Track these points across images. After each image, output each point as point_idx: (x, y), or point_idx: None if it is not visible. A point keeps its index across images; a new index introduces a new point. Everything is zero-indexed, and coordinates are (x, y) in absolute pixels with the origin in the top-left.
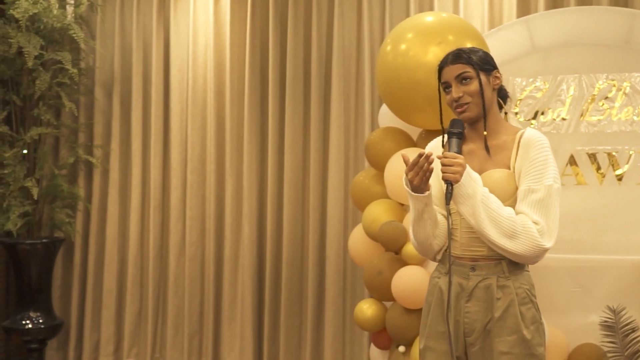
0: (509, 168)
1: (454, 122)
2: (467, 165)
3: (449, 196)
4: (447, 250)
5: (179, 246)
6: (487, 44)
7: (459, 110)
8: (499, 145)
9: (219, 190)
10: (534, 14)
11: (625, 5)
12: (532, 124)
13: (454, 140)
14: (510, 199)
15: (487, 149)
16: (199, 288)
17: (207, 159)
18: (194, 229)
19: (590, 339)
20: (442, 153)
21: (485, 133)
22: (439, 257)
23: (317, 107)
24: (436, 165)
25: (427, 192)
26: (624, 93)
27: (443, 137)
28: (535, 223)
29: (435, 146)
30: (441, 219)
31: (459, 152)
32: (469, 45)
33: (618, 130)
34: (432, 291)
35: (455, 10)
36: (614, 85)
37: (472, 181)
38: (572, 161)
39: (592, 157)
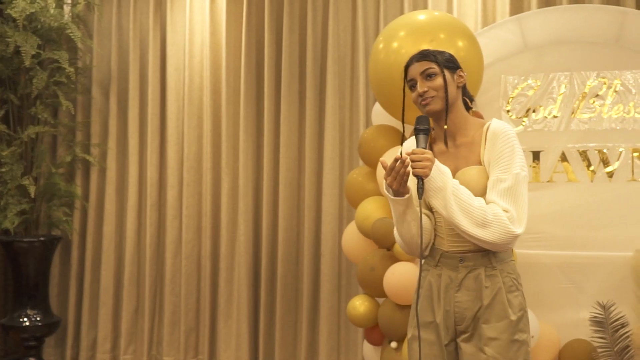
0: (480, 164)
1: (419, 119)
2: (436, 160)
3: (420, 191)
4: (433, 245)
5: (176, 244)
6: (480, 42)
7: (423, 103)
8: (468, 142)
9: (215, 188)
10: (526, 13)
11: (617, 3)
12: (523, 121)
13: (421, 137)
14: (485, 193)
15: (445, 142)
16: (195, 285)
17: (203, 157)
18: (190, 227)
19: (581, 335)
20: (411, 150)
21: (445, 127)
22: (426, 253)
23: (312, 105)
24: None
25: (407, 195)
26: (615, 91)
27: (402, 136)
28: (505, 211)
29: (409, 146)
30: (424, 218)
31: (427, 147)
32: (460, 43)
33: (609, 127)
34: (421, 283)
35: (449, 8)
36: (605, 83)
37: (441, 174)
38: (564, 158)
39: (583, 154)
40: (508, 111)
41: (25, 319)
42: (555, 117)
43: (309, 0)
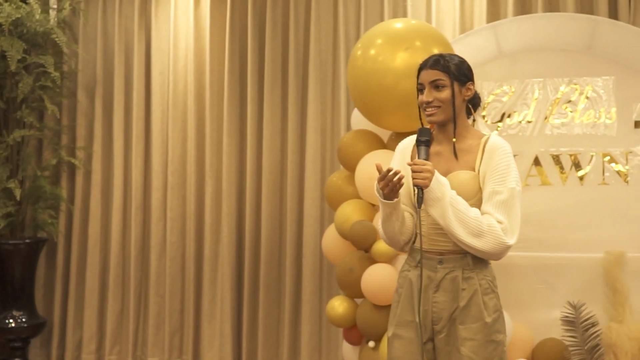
0: (473, 170)
1: (422, 131)
2: (436, 171)
3: (420, 200)
4: (414, 244)
5: (160, 246)
6: (456, 49)
7: (427, 112)
8: (464, 149)
9: (199, 191)
10: (501, 20)
11: (591, 11)
12: (498, 126)
13: (422, 148)
14: (473, 198)
15: (455, 154)
16: (179, 287)
17: (187, 161)
18: (174, 229)
19: (554, 334)
20: (412, 160)
21: (454, 140)
22: (406, 248)
23: (295, 110)
24: (407, 167)
25: (395, 200)
26: (586, 97)
27: (421, 133)
28: (499, 222)
29: (405, 146)
30: (408, 217)
31: (427, 158)
32: (435, 50)
33: (580, 132)
34: (402, 283)
35: (428, 15)
36: (577, 90)
37: (440, 185)
38: (537, 162)
39: (556, 158)
40: (484, 116)
41: (11, 320)
42: (529, 122)
43: (291, 7)
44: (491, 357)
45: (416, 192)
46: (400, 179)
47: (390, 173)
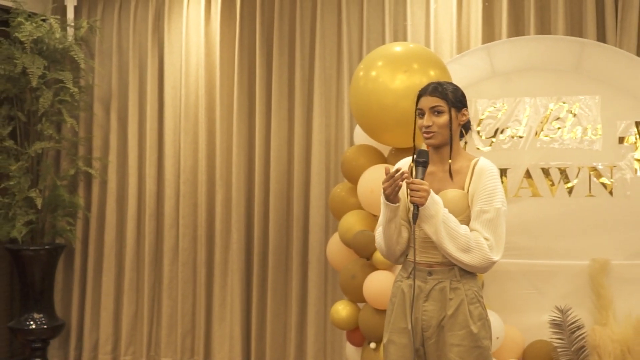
0: (463, 189)
1: (420, 153)
2: (431, 190)
3: (415, 217)
4: (407, 257)
5: (173, 251)
6: (452, 69)
7: (426, 136)
8: (456, 170)
9: (210, 200)
10: (494, 42)
11: (580, 34)
12: (492, 141)
13: (420, 169)
14: (462, 214)
15: (450, 174)
16: (191, 291)
17: (198, 170)
18: (186, 236)
19: (543, 336)
20: (410, 179)
21: (450, 161)
22: (401, 260)
23: (300, 123)
24: (404, 187)
25: (397, 204)
26: (574, 114)
27: (414, 156)
28: (486, 239)
29: (403, 164)
30: (403, 229)
31: (424, 178)
32: (432, 72)
33: (568, 147)
34: (395, 293)
35: (427, 36)
36: (565, 107)
37: (435, 204)
38: (528, 175)
39: (546, 171)
40: (479, 132)
41: (32, 322)
42: (520, 137)
43: (297, 25)
44: None
45: (412, 209)
46: (404, 178)
47: (398, 173)
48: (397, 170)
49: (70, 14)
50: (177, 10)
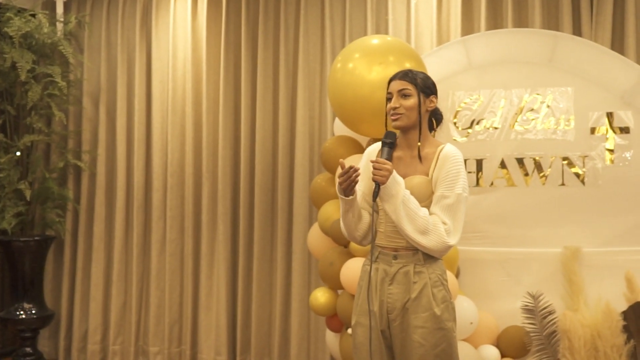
0: (427, 175)
1: (388, 134)
2: (394, 171)
3: (375, 195)
4: (372, 242)
5: (160, 243)
6: (430, 61)
7: (393, 117)
8: (423, 156)
9: (197, 192)
10: (470, 35)
11: (557, 27)
12: (468, 132)
13: (386, 149)
14: (426, 200)
15: (419, 157)
16: (178, 281)
17: (185, 163)
18: (173, 227)
19: (517, 322)
20: (375, 158)
21: (419, 144)
22: (365, 242)
23: (285, 116)
24: (369, 168)
25: (351, 197)
26: (547, 105)
27: (386, 135)
28: (444, 223)
29: (372, 150)
30: (365, 215)
31: (389, 158)
32: (407, 65)
33: (542, 138)
34: (362, 277)
35: (408, 29)
36: (539, 99)
37: (396, 184)
38: (503, 165)
39: (520, 161)
40: (455, 123)
41: (22, 312)
42: (495, 128)
43: (282, 20)
44: (439, 342)
45: (374, 187)
46: (357, 175)
47: (352, 170)
48: (351, 167)
49: (59, 9)
50: (165, 6)
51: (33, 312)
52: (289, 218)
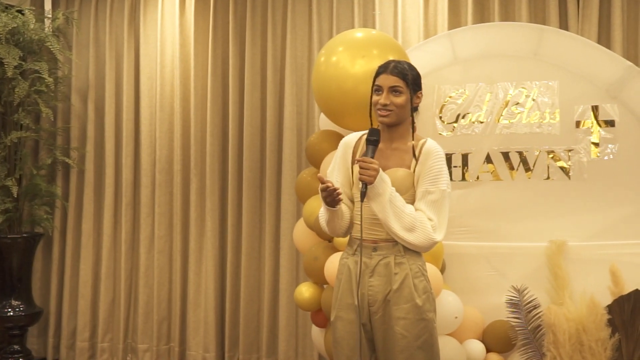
0: (409, 168)
1: (372, 131)
2: (380, 169)
3: (363, 195)
4: (353, 234)
5: (149, 240)
6: (415, 55)
7: (381, 114)
8: (404, 149)
9: (185, 189)
10: (456, 29)
11: (543, 21)
12: (454, 126)
13: (371, 147)
14: (406, 193)
15: (414, 154)
16: (167, 278)
17: (174, 160)
18: (162, 224)
19: (503, 317)
20: (361, 156)
21: (412, 142)
22: (345, 237)
23: (273, 112)
24: (346, 159)
25: (337, 207)
26: (533, 99)
27: (371, 133)
28: (430, 220)
29: (348, 141)
30: (345, 210)
31: (374, 157)
32: (391, 58)
33: (527, 132)
34: (341, 270)
35: (395, 24)
36: (524, 92)
37: (383, 183)
38: (489, 159)
39: (506, 155)
40: (440, 117)
41: (10, 310)
42: (481, 122)
43: (269, 16)
44: (421, 333)
45: (361, 187)
46: (339, 194)
47: (331, 188)
48: (333, 188)
49: (47, 6)
50: (153, 2)
51: (21, 309)
52: (277, 214)
